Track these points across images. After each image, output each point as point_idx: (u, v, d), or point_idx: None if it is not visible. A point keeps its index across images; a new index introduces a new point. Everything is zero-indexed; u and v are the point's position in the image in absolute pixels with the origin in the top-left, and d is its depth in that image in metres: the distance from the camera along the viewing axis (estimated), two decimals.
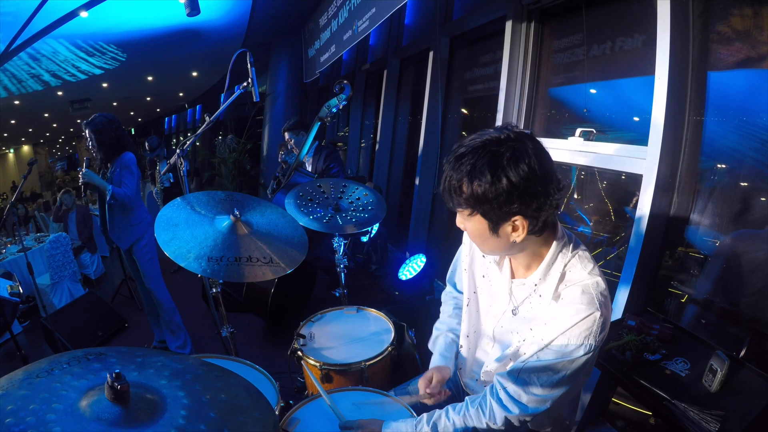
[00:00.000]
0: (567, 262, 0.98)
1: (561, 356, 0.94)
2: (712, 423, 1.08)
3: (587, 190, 2.22)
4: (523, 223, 0.90)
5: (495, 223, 0.91)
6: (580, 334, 0.92)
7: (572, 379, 0.96)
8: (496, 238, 0.94)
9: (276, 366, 1.67)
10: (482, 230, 0.94)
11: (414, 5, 4.23)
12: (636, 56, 1.89)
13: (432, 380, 1.21)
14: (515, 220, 0.90)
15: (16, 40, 5.14)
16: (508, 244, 0.95)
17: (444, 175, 0.93)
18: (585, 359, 0.94)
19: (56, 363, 0.67)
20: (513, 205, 0.86)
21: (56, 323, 3.05)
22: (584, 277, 0.96)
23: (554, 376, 0.95)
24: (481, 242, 0.99)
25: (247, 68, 1.90)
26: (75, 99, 9.87)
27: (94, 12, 4.63)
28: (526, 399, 0.99)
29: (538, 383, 0.97)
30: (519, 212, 0.88)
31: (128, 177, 2.63)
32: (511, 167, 0.84)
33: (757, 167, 1.47)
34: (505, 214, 0.88)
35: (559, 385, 0.96)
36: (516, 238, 0.93)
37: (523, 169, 0.84)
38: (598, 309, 0.92)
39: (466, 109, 3.62)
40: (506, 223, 0.91)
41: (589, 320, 0.92)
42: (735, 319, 1.51)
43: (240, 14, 5.72)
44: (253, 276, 1.48)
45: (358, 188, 2.26)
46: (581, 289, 0.94)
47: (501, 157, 0.85)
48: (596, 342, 0.93)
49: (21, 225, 6.95)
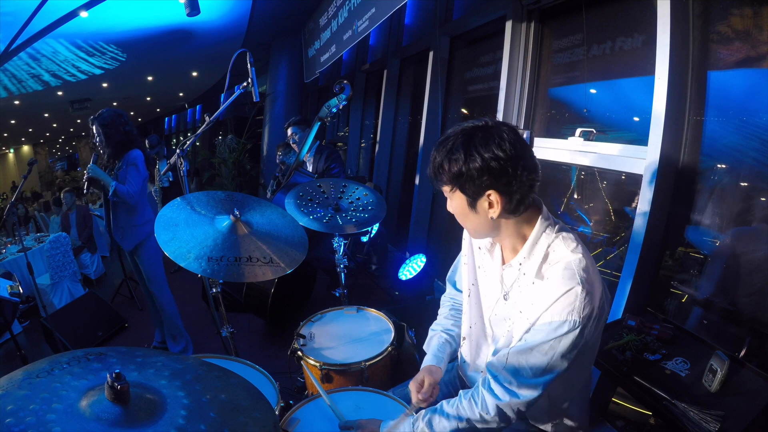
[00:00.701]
0: (551, 242, 1.02)
1: (546, 336, 0.94)
2: (712, 423, 1.08)
3: (587, 190, 2.22)
4: (497, 198, 0.97)
5: (472, 198, 1.00)
6: (562, 309, 0.93)
7: (561, 361, 0.95)
8: (475, 214, 1.02)
9: (276, 366, 1.67)
10: (463, 206, 1.03)
11: (414, 5, 4.23)
12: (636, 56, 1.89)
13: (423, 384, 1.21)
14: (489, 194, 0.97)
15: (16, 40, 5.14)
16: (488, 221, 1.02)
17: (430, 159, 1.04)
18: (572, 338, 0.93)
19: (56, 363, 0.67)
20: (484, 178, 0.95)
21: (56, 323, 3.04)
22: (567, 255, 0.99)
23: (542, 358, 0.95)
24: (464, 220, 1.07)
25: (247, 68, 1.89)
26: (75, 99, 9.87)
27: (94, 12, 4.63)
28: (516, 385, 0.98)
29: (527, 366, 0.97)
30: (490, 186, 0.96)
31: (134, 175, 2.55)
32: (482, 146, 0.95)
33: (757, 167, 1.47)
34: (478, 187, 0.97)
35: (549, 370, 0.96)
36: (492, 213, 1.00)
37: (492, 149, 0.94)
38: (579, 284, 0.93)
39: (466, 109, 3.62)
40: (482, 198, 0.99)
41: (570, 295, 0.93)
42: (735, 319, 1.51)
43: (240, 14, 5.72)
44: (253, 276, 1.48)
45: (358, 188, 2.26)
46: (563, 266, 0.97)
47: (474, 137, 0.96)
48: (580, 319, 0.92)
49: (21, 225, 6.96)
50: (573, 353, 0.95)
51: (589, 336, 0.96)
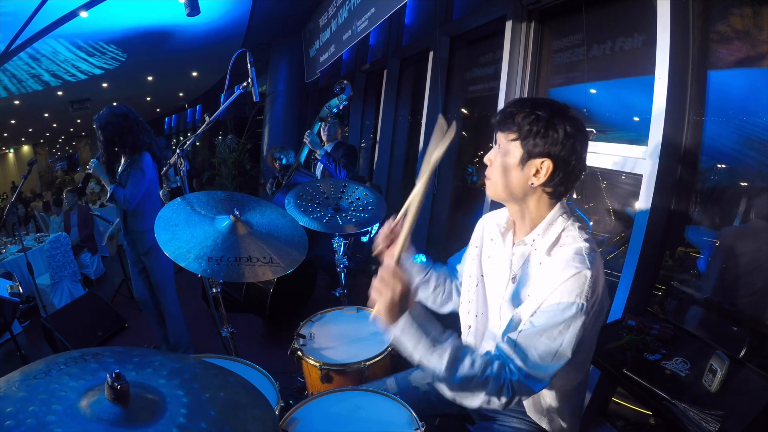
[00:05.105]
0: (566, 226, 1.04)
1: (553, 317, 0.94)
2: (712, 423, 1.08)
3: (587, 190, 2.22)
4: (549, 167, 0.98)
5: (528, 155, 0.99)
6: (571, 291, 0.94)
7: (569, 351, 0.94)
8: (518, 172, 1.01)
9: (276, 366, 1.67)
10: (512, 160, 1.02)
11: (414, 5, 4.23)
12: (636, 56, 1.89)
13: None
14: (544, 161, 0.98)
15: (16, 40, 5.14)
16: (524, 185, 1.02)
17: (505, 105, 1.04)
18: (578, 323, 0.93)
19: (53, 364, 0.67)
20: (555, 142, 0.96)
21: (56, 323, 3.04)
22: (578, 241, 1.00)
23: (551, 344, 0.94)
24: (501, 172, 1.05)
25: (247, 68, 1.89)
26: (75, 99, 9.87)
27: (94, 12, 4.63)
28: (527, 369, 0.95)
29: (536, 351, 0.94)
30: (553, 156, 0.97)
31: (137, 178, 2.37)
32: (569, 121, 0.97)
33: (757, 167, 1.47)
34: (541, 150, 0.98)
35: (558, 357, 0.94)
36: (535, 180, 1.00)
37: (576, 129, 0.97)
38: (588, 268, 0.94)
39: (466, 109, 3.62)
40: (536, 160, 0.99)
41: (579, 277, 0.94)
42: (735, 318, 1.51)
43: (240, 14, 5.71)
44: (253, 276, 1.48)
45: (358, 188, 2.26)
46: (573, 250, 0.99)
47: (565, 111, 0.99)
48: (587, 304, 0.93)
49: (21, 225, 6.96)
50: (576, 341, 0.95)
51: (588, 326, 0.96)
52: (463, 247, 1.40)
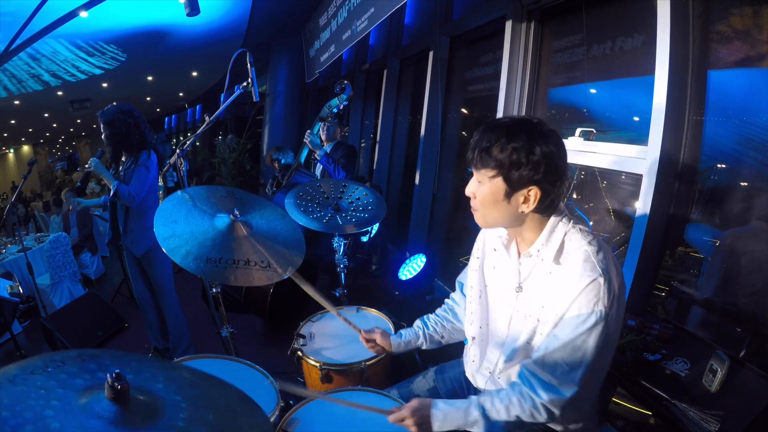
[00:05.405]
0: (567, 230, 1.03)
1: (576, 329, 0.95)
2: (712, 423, 1.08)
3: (587, 190, 2.22)
4: (537, 194, 0.97)
5: (512, 188, 0.98)
6: (589, 301, 0.95)
7: (595, 354, 0.96)
8: (506, 204, 1.00)
9: (276, 366, 1.67)
10: (497, 194, 1.00)
11: (414, 5, 4.23)
12: (636, 56, 1.89)
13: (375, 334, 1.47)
14: (530, 189, 0.97)
15: (16, 40, 5.14)
16: (515, 214, 1.02)
17: (477, 138, 1.01)
18: (600, 329, 0.95)
19: (51, 361, 0.67)
20: (538, 173, 0.94)
21: (56, 323, 3.04)
22: (583, 245, 1.00)
23: (576, 353, 0.96)
24: (489, 208, 1.04)
25: (247, 68, 1.89)
26: (75, 99, 9.87)
27: (94, 12, 4.62)
28: (557, 382, 0.99)
29: (563, 363, 0.97)
30: (538, 182, 0.96)
31: (141, 175, 2.38)
32: (545, 140, 0.95)
33: (757, 167, 1.47)
34: (525, 180, 0.96)
35: (585, 363, 0.97)
36: (524, 208, 1.00)
37: (553, 145, 0.95)
38: (601, 275, 0.95)
39: (466, 109, 3.62)
40: (522, 191, 0.98)
41: (594, 286, 0.94)
42: (735, 319, 1.51)
43: (240, 14, 5.71)
44: (251, 281, 1.48)
45: (358, 188, 2.26)
46: (582, 257, 0.98)
47: (539, 129, 0.96)
48: (606, 309, 0.94)
49: (21, 225, 6.96)
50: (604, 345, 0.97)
51: (612, 318, 0.97)
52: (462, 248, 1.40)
